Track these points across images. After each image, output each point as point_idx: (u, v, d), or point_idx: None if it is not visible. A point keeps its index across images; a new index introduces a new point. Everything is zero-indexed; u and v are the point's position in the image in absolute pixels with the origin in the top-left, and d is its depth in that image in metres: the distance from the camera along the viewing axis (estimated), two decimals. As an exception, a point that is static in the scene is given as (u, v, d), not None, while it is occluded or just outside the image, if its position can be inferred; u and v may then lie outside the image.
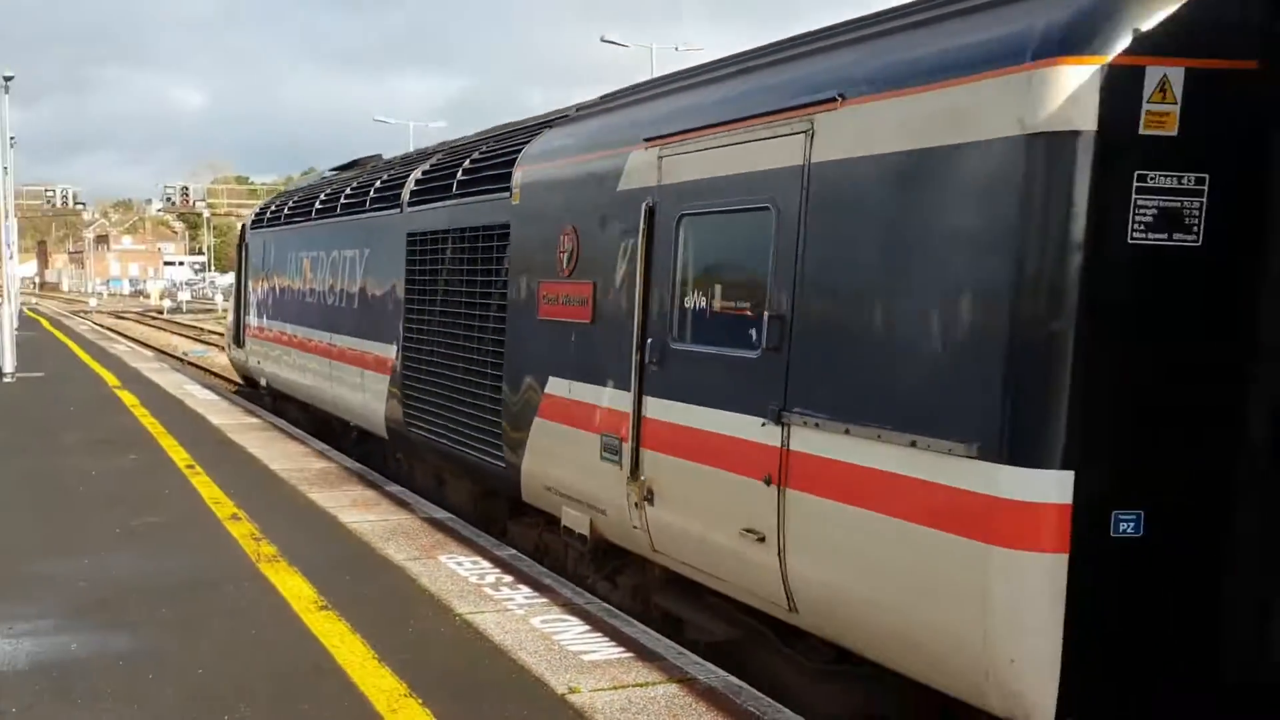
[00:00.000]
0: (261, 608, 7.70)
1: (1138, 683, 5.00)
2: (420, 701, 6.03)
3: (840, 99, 6.03)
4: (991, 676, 5.05)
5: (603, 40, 43.64)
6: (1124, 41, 4.78)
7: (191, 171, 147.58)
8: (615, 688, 6.26)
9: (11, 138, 44.69)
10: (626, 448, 7.73)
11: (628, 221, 7.90)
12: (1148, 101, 4.81)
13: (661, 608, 8.07)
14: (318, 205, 16.53)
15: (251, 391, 21.53)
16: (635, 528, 7.76)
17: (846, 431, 5.74)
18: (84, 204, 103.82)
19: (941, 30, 5.73)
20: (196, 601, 7.86)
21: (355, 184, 15.24)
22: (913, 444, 5.32)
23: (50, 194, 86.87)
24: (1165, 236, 4.85)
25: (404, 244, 12.37)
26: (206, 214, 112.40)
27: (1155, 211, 4.83)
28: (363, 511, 10.73)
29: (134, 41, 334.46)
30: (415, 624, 7.38)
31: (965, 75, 5.26)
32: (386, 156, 16.22)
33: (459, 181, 11.26)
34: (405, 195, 12.68)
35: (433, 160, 12.76)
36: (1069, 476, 4.82)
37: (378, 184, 14.01)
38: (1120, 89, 4.76)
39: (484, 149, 11.34)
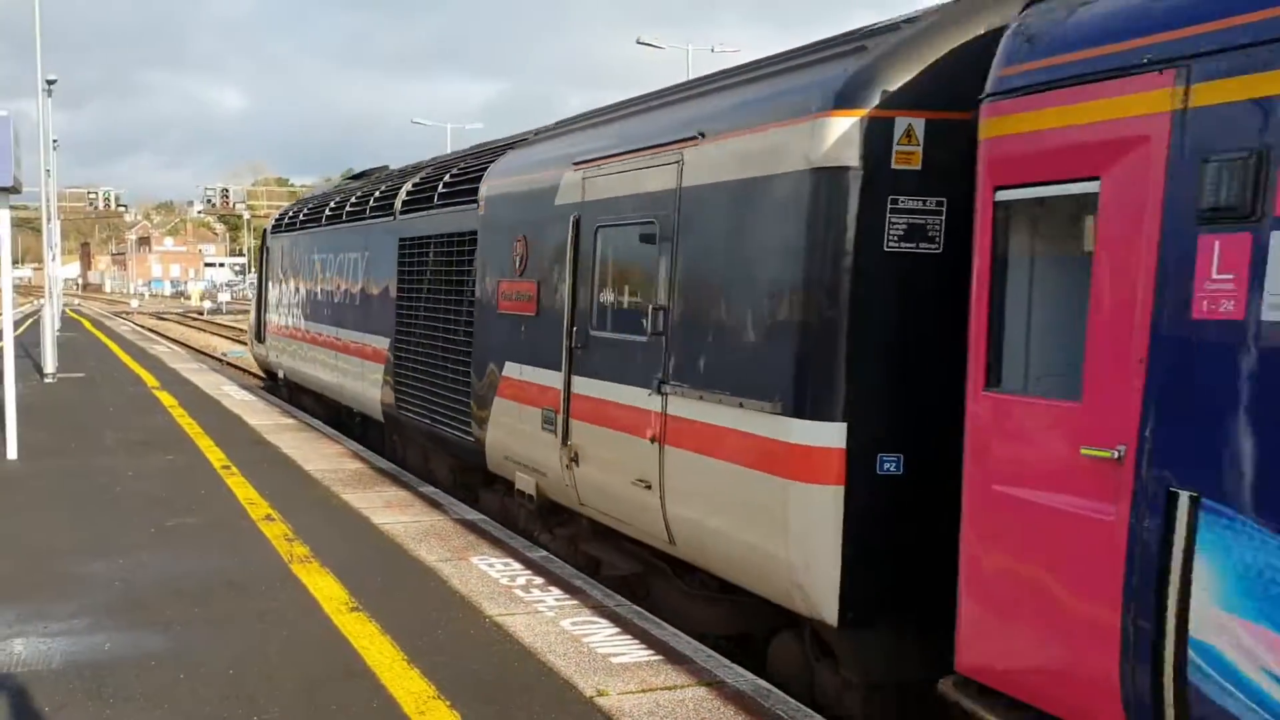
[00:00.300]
0: (293, 608, 7.73)
1: (898, 582, 6.41)
2: (449, 704, 6.03)
3: (701, 136, 7.62)
4: (795, 583, 6.57)
5: (639, 42, 43.60)
6: (878, 99, 6.28)
7: (232, 173, 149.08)
8: (644, 691, 6.24)
9: (55, 140, 45.31)
10: (559, 419, 9.26)
11: (561, 231, 9.45)
12: (897, 144, 6.31)
13: (586, 552, 9.52)
14: (327, 212, 18.16)
15: (273, 385, 23.10)
16: (567, 485, 9.23)
17: (701, 398, 7.30)
18: (126, 206, 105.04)
19: (766, 85, 7.40)
20: (229, 602, 7.90)
21: (360, 193, 16.85)
22: (741, 405, 6.89)
23: (93, 196, 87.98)
24: (914, 245, 6.32)
25: (397, 248, 14.06)
26: (246, 215, 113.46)
27: (905, 226, 6.33)
28: (396, 513, 10.77)
29: (176, 45, 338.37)
30: (445, 626, 7.38)
31: (774, 121, 6.89)
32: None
33: (439, 194, 12.91)
34: (398, 205, 14.33)
35: (422, 174, 14.41)
36: (844, 427, 6.32)
37: (377, 194, 15.62)
38: (876, 134, 6.26)
39: (461, 166, 12.97)
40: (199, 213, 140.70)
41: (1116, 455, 4.90)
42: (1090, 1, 5.47)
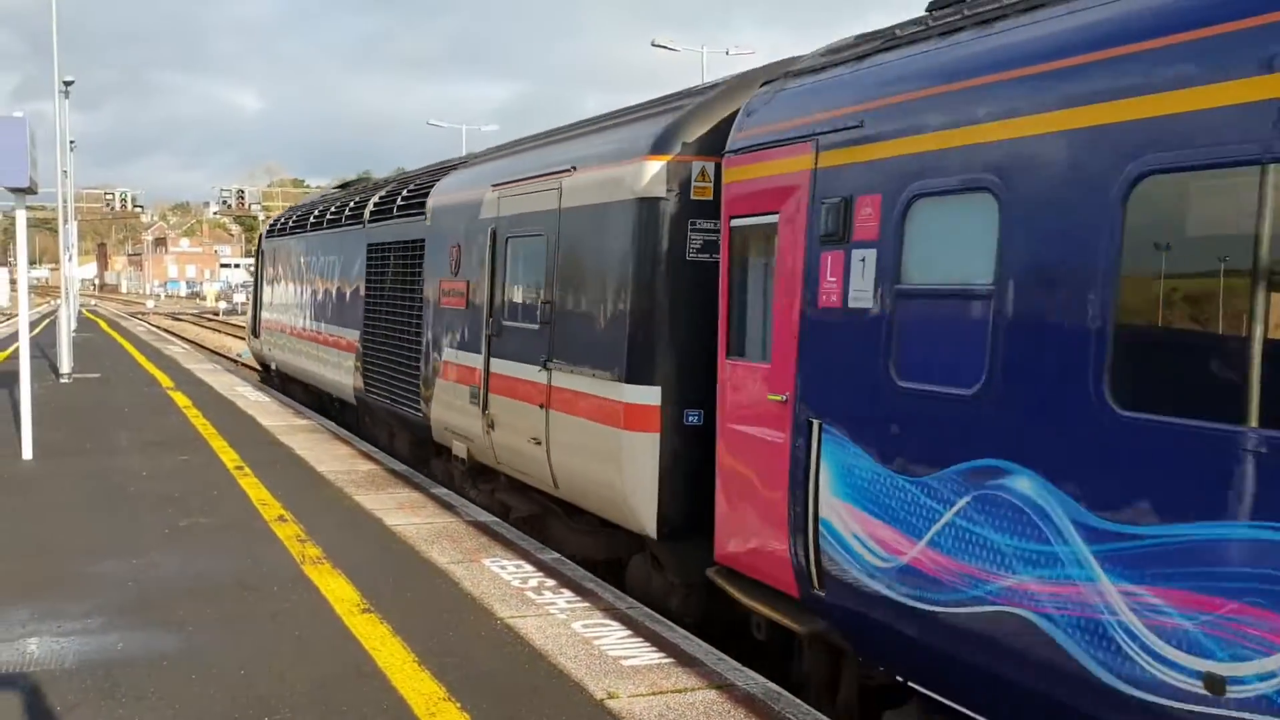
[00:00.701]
0: (305, 609, 7.76)
1: (698, 505, 8.28)
2: (459, 705, 6.04)
3: (574, 169, 9.93)
4: (630, 508, 8.72)
5: (653, 45, 43.59)
6: (680, 149, 8.59)
7: (248, 174, 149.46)
8: (654, 693, 6.24)
9: (71, 141, 45.52)
10: (481, 393, 11.44)
11: (483, 239, 11.65)
12: (695, 181, 8.57)
13: (501, 501, 11.64)
14: (312, 219, 20.29)
15: (267, 376, 25.65)
16: (488, 448, 11.42)
17: (571, 371, 9.54)
18: (142, 207, 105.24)
19: (615, 132, 9.79)
20: (241, 602, 7.93)
21: (339, 203, 18.98)
22: (594, 375, 9.13)
23: (110, 197, 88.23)
24: (707, 256, 8.54)
25: (365, 252, 16.35)
26: (261, 216, 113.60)
27: (701, 241, 8.58)
28: (408, 514, 10.79)
29: (193, 46, 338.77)
30: (457, 627, 7.39)
31: (615, 161, 9.16)
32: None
33: (398, 206, 15.09)
34: (366, 214, 16.57)
35: (388, 188, 16.60)
36: (659, 390, 8.54)
37: (351, 204, 17.76)
38: (681, 174, 8.57)
39: (416, 182, 15.17)
40: (215, 214, 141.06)
41: (785, 399, 7.11)
42: (786, 90, 7.63)
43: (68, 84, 38.00)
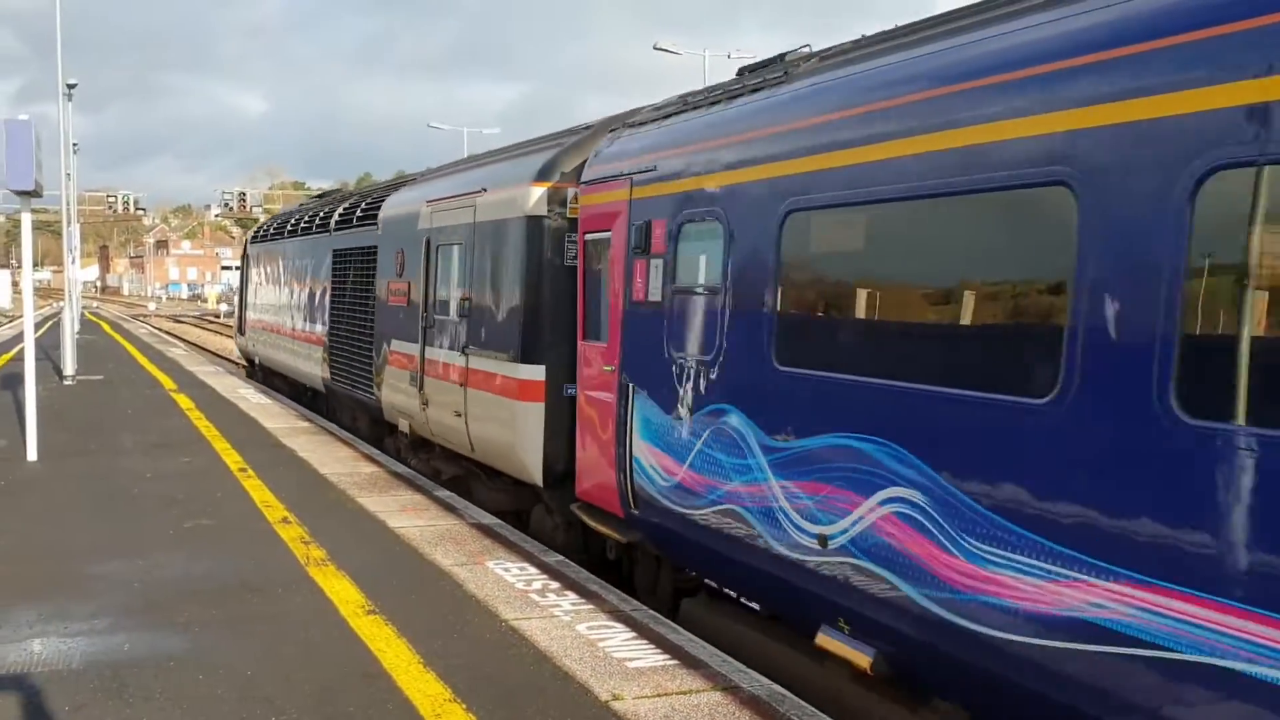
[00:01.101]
0: (310, 611, 7.78)
1: (571, 458, 10.23)
2: (464, 707, 6.06)
3: (484, 190, 12.07)
4: (523, 464, 10.83)
5: (656, 48, 43.59)
6: (557, 178, 10.79)
7: (250, 177, 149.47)
8: (659, 695, 6.26)
9: (75, 144, 45.55)
10: (418, 377, 13.59)
11: (420, 247, 13.92)
12: (570, 204, 10.68)
13: (434, 466, 13.84)
14: (289, 227, 22.70)
15: (251, 370, 27.97)
16: (423, 423, 13.56)
17: (481, 355, 11.68)
18: (145, 209, 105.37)
19: (513, 161, 12.12)
20: (246, 604, 7.96)
21: (311, 213, 21.38)
22: (496, 357, 11.25)
23: (112, 200, 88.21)
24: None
25: (331, 258, 18.65)
26: (263, 219, 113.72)
27: (574, 251, 10.47)
28: (411, 516, 10.82)
29: (197, 49, 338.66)
30: (461, 629, 7.42)
31: (511, 185, 11.36)
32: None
33: (356, 217, 17.45)
34: (332, 224, 18.86)
35: (350, 200, 19.12)
36: (543, 368, 10.65)
37: (321, 214, 20.09)
38: (558, 198, 10.76)
39: (372, 196, 17.57)
40: (216, 216, 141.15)
41: (613, 369, 9.29)
42: (619, 139, 9.96)
43: (71, 87, 38.05)
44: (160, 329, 58.87)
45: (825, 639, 6.80)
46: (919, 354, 6.14)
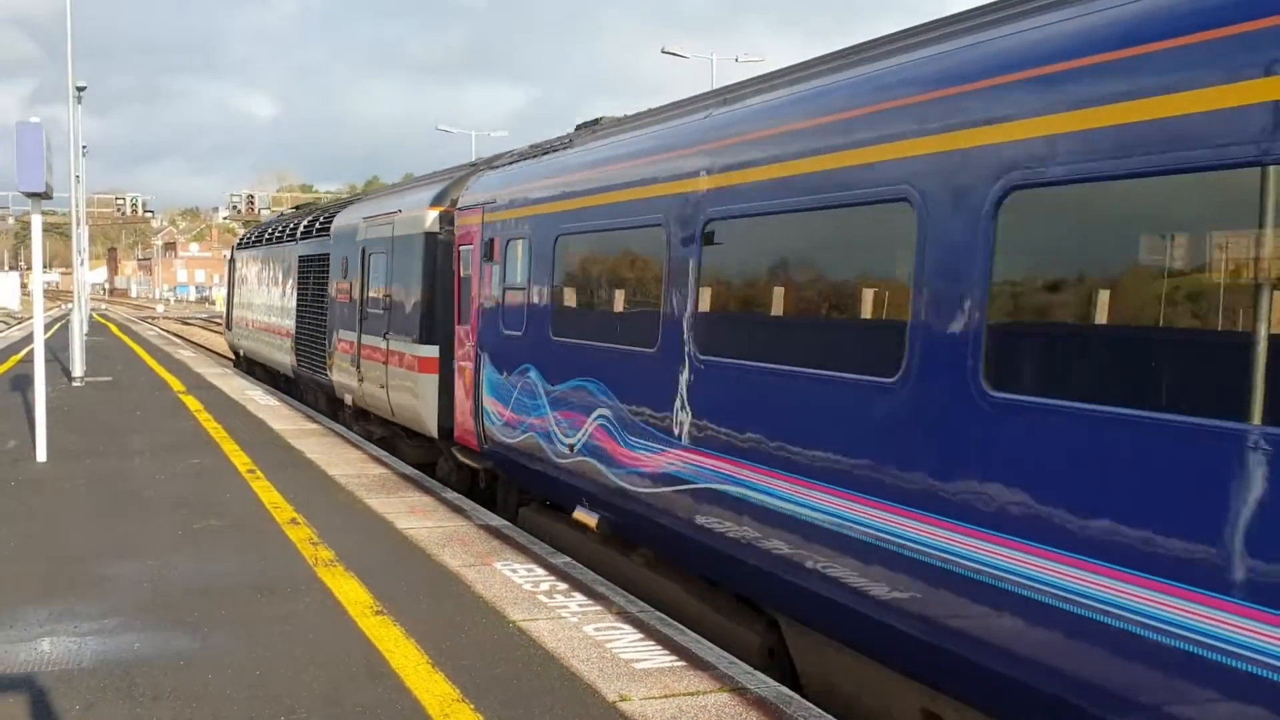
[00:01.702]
0: (318, 612, 7.81)
1: (453, 419, 13.36)
2: (472, 707, 6.09)
3: (400, 211, 15.54)
4: (423, 422, 14.20)
5: (664, 52, 43.64)
6: (449, 203, 14.06)
7: (258, 180, 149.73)
8: (666, 696, 6.28)
9: (84, 146, 45.72)
10: (356, 359, 17.04)
11: (358, 254, 17.39)
12: (456, 226, 13.61)
13: (369, 430, 17.15)
14: (265, 236, 27.16)
15: (238, 361, 32.21)
16: (360, 395, 16.98)
17: (398, 338, 14.96)
18: (153, 212, 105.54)
19: (421, 189, 15.80)
20: (255, 604, 7.99)
21: (283, 224, 25.75)
22: (406, 340, 14.63)
23: (121, 202, 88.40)
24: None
25: (297, 263, 22.44)
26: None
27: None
28: (419, 518, 10.85)
29: (207, 52, 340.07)
30: (469, 630, 7.44)
31: (417, 208, 14.73)
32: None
33: (315, 229, 21.39)
34: (298, 234, 22.92)
35: (312, 214, 23.33)
36: (437, 348, 13.85)
37: (289, 226, 24.37)
38: (447, 219, 13.99)
39: (328, 212, 21.44)
40: (224, 218, 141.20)
41: (473, 344, 12.33)
42: (481, 176, 13.36)
43: (80, 89, 38.18)
44: (168, 331, 59.02)
45: (578, 514, 10.03)
46: (605, 325, 9.62)
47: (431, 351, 13.88)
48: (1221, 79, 4.37)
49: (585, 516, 9.79)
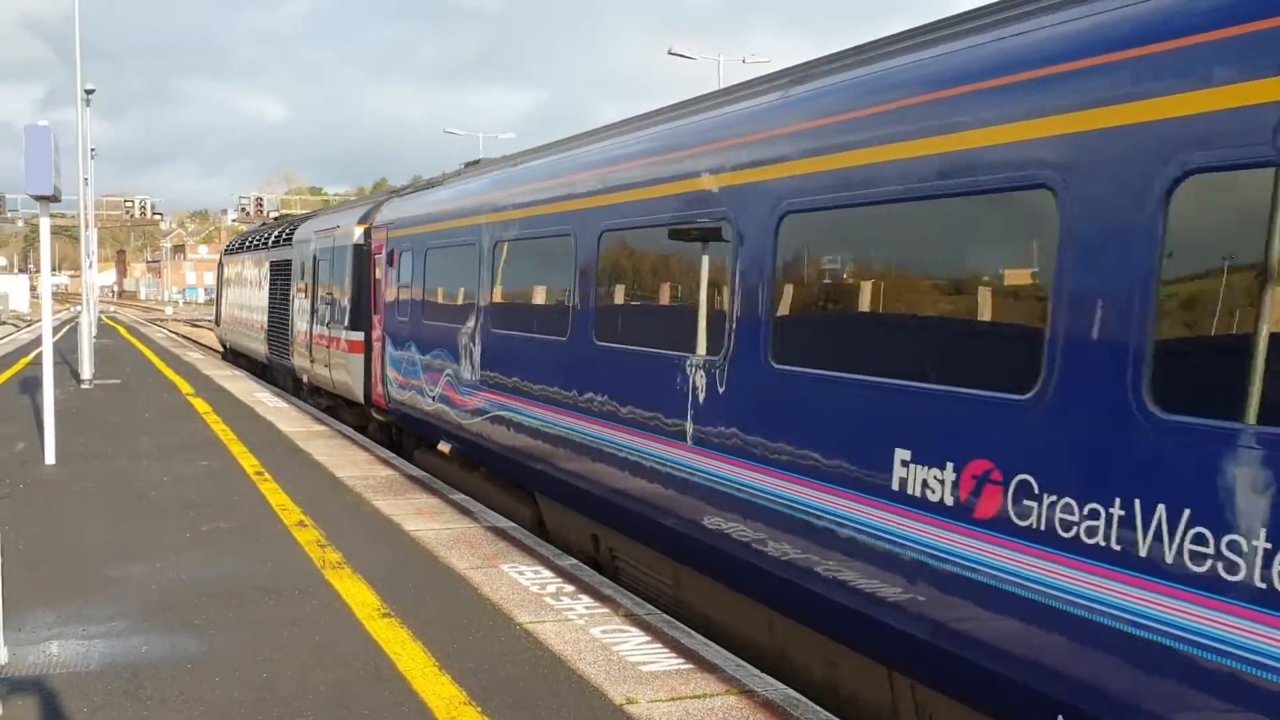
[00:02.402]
0: (325, 613, 7.82)
1: (372, 388, 17.55)
2: (479, 709, 6.09)
3: (339, 226, 20.17)
4: (353, 392, 18.39)
5: (670, 53, 43.59)
6: (372, 222, 18.15)
7: (267, 182, 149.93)
8: (673, 699, 6.27)
9: (92, 149, 45.84)
10: (310, 345, 21.36)
11: (310, 261, 21.86)
12: (372, 239, 17.98)
13: (320, 402, 21.21)
14: (247, 243, 32.48)
15: (225, 353, 37.58)
16: (314, 375, 21.16)
17: (335, 326, 19.46)
18: (161, 214, 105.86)
19: (352, 209, 20.96)
20: (262, 606, 7.99)
21: (261, 233, 30.91)
22: (341, 328, 19.02)
23: (129, 204, 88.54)
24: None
25: (270, 268, 26.86)
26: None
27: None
28: (426, 520, 10.85)
29: (216, 55, 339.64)
30: (476, 632, 7.44)
31: (349, 225, 19.30)
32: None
33: (283, 238, 25.67)
34: (270, 242, 27.36)
35: (281, 226, 27.78)
36: (362, 334, 18.13)
37: (264, 235, 29.44)
38: (369, 235, 18.16)
39: (292, 224, 25.71)
40: (233, 221, 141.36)
41: (381, 331, 16.68)
42: (390, 202, 18.16)
43: (89, 92, 38.29)
44: (177, 333, 59.09)
45: (440, 446, 13.81)
46: (452, 311, 13.21)
47: (358, 336, 18.01)
48: None
49: (444, 447, 13.74)
